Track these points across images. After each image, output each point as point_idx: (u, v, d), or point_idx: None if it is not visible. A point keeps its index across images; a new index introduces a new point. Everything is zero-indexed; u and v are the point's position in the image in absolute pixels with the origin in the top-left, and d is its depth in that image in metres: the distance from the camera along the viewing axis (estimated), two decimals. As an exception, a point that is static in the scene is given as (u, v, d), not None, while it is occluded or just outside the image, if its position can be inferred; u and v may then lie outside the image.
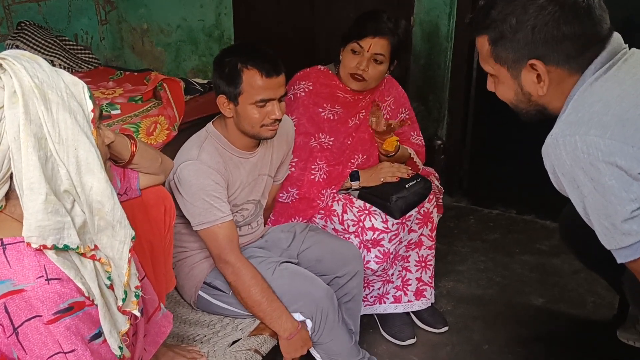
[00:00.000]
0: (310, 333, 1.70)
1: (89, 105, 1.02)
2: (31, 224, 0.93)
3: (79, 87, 1.01)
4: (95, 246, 1.03)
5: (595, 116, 1.12)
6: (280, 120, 1.69)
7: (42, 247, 0.95)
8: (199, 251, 1.80)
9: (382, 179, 2.03)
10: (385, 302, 2.13)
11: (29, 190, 0.92)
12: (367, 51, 1.94)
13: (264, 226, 2.00)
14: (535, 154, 3.21)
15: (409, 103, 2.26)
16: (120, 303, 1.08)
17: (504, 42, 1.22)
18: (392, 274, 2.09)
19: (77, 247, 0.99)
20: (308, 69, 2.11)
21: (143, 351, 1.27)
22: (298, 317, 1.68)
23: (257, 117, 1.64)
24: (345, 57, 1.99)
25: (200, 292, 1.78)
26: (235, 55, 1.65)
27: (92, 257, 1.03)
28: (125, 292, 1.08)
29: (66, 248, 0.97)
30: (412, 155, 2.18)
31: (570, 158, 1.12)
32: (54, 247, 0.96)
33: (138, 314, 1.12)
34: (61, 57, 2.89)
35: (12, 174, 0.95)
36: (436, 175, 2.28)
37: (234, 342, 1.65)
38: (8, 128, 0.91)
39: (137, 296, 1.12)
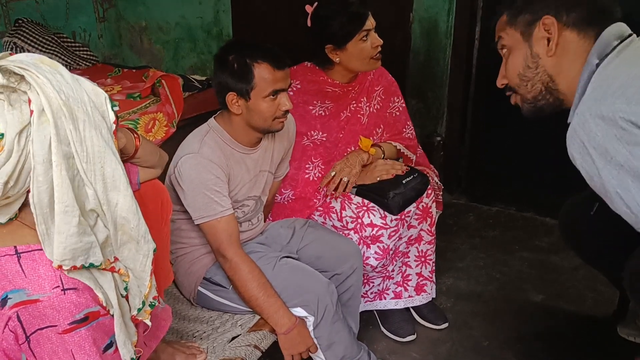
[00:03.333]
0: (311, 328, 1.70)
1: (111, 116, 0.99)
2: (65, 247, 0.92)
3: (101, 98, 0.99)
4: (115, 258, 1.02)
5: (618, 90, 1.12)
6: (288, 112, 1.72)
7: (72, 269, 0.94)
8: (199, 247, 1.79)
9: (377, 178, 2.03)
10: (385, 298, 2.12)
11: (64, 213, 0.91)
12: (373, 28, 1.95)
13: (264, 223, 2.00)
14: (534, 151, 3.21)
15: (400, 92, 2.25)
16: (134, 312, 1.08)
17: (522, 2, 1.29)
18: (392, 270, 2.09)
19: (100, 264, 0.98)
20: (295, 67, 2.09)
21: (143, 345, 1.27)
22: (299, 311, 1.68)
23: (271, 110, 1.67)
24: (358, 49, 1.95)
25: (199, 288, 1.78)
26: (239, 52, 1.65)
27: (111, 270, 1.02)
28: (143, 303, 1.08)
29: (91, 266, 0.96)
30: (400, 149, 2.18)
31: (601, 129, 1.10)
32: (82, 267, 0.95)
33: (149, 323, 1.12)
34: (59, 55, 2.88)
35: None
36: (435, 172, 2.28)
37: (233, 338, 1.65)
38: (36, 149, 0.88)
39: (152, 306, 1.11)
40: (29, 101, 0.88)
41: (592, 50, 1.21)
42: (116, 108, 2.48)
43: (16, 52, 2.70)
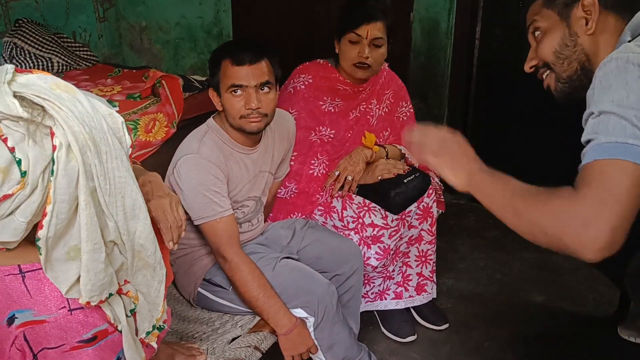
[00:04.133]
0: (311, 329, 1.69)
1: (128, 141, 0.96)
2: (94, 284, 0.91)
3: (118, 123, 0.95)
4: (125, 281, 1.01)
5: None
6: (264, 114, 1.67)
7: (99, 303, 0.93)
8: (199, 248, 1.79)
9: (379, 177, 2.02)
10: (386, 299, 2.12)
11: (93, 252, 0.89)
12: (366, 38, 1.92)
13: (264, 223, 1.99)
14: (535, 151, 3.19)
15: (409, 97, 2.25)
16: (142, 335, 1.07)
17: None
18: (393, 270, 2.08)
19: (115, 291, 0.98)
20: (307, 63, 2.11)
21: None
22: (299, 312, 1.68)
23: (235, 106, 1.66)
24: (345, 49, 1.97)
25: (199, 289, 1.77)
26: (222, 49, 1.72)
27: (119, 291, 1.01)
28: (153, 326, 1.08)
29: (110, 296, 0.96)
30: (404, 153, 2.17)
31: (617, 68, 1.07)
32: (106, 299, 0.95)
33: (155, 345, 1.11)
34: (59, 55, 2.88)
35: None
36: (436, 171, 2.27)
37: (233, 339, 1.65)
38: (62, 187, 0.84)
39: (160, 329, 1.11)
40: (52, 134, 0.84)
41: (626, 28, 1.21)
42: (116, 108, 2.48)
43: (16, 52, 2.71)
